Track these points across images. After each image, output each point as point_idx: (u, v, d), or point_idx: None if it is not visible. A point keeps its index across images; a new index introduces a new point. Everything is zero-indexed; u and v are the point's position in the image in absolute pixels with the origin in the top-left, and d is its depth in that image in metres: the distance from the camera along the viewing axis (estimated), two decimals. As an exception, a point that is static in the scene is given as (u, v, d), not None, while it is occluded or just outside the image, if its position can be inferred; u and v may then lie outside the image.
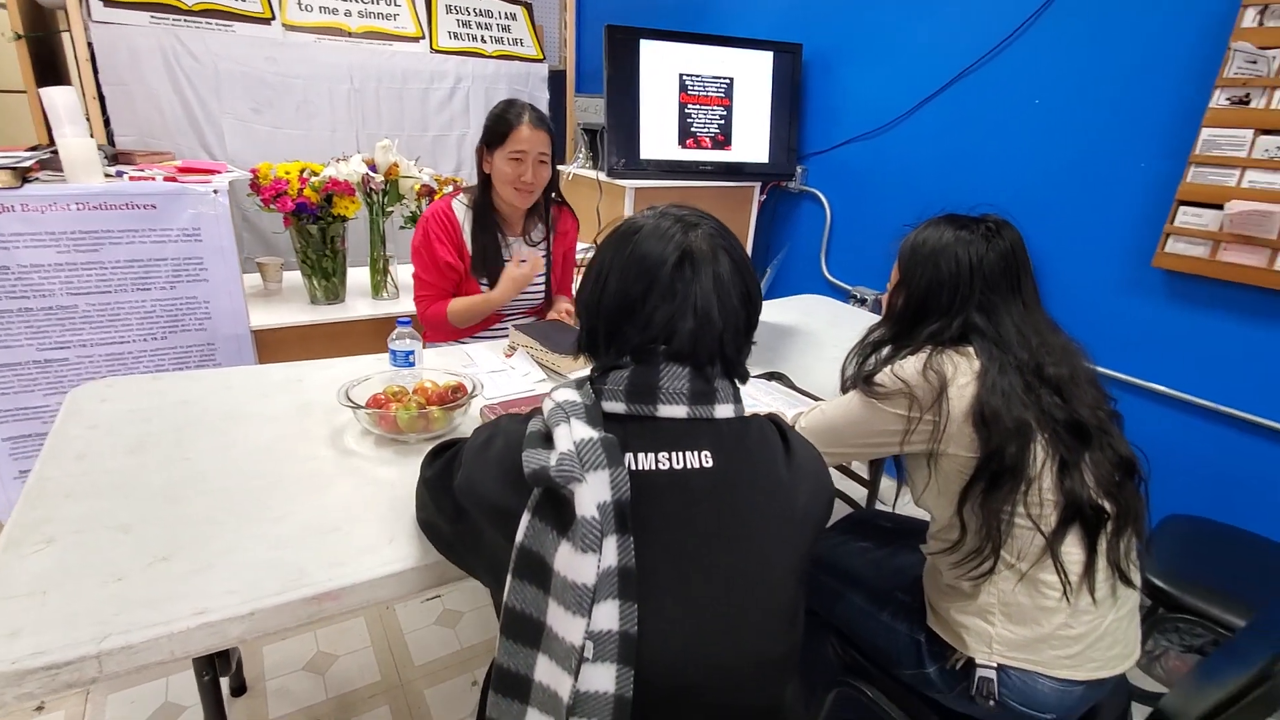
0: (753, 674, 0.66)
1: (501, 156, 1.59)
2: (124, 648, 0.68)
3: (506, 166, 1.59)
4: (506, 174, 1.60)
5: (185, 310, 1.79)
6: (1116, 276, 1.86)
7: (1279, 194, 1.50)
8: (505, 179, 1.61)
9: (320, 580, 0.78)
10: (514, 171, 1.59)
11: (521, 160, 1.58)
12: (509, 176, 1.60)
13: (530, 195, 1.66)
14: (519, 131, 1.57)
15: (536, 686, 0.63)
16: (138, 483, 0.94)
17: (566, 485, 0.60)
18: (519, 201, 1.66)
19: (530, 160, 1.59)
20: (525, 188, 1.62)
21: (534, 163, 1.60)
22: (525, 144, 1.57)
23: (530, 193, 1.65)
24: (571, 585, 0.60)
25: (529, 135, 1.57)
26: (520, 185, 1.61)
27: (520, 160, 1.58)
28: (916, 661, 1.05)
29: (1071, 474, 0.91)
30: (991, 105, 2.12)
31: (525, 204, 1.69)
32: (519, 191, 1.63)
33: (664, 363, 0.67)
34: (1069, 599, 0.92)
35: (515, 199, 1.65)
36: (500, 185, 1.64)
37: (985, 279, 1.00)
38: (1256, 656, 0.79)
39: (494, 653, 0.66)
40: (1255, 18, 1.49)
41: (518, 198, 1.65)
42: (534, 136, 1.58)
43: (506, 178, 1.61)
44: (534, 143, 1.58)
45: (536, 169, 1.61)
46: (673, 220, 0.70)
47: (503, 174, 1.61)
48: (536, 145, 1.59)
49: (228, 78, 2.61)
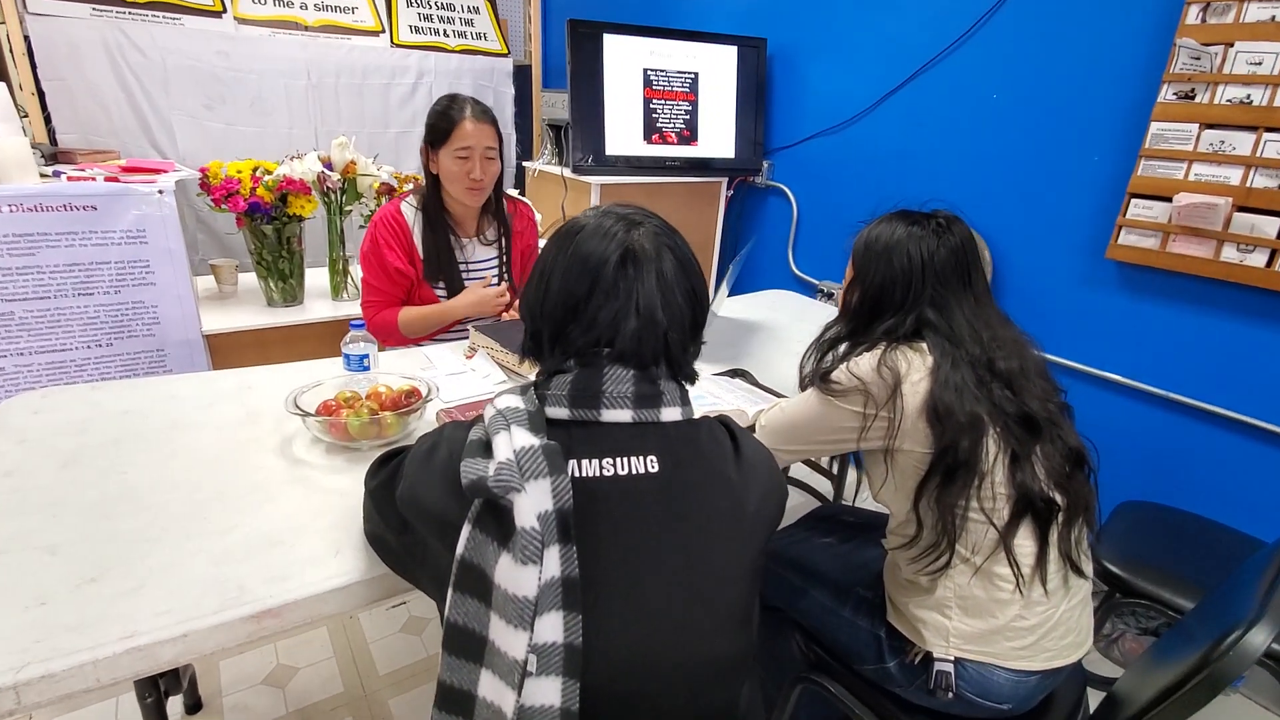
0: (706, 676, 0.65)
1: (447, 155, 1.55)
2: (44, 676, 0.64)
3: (453, 165, 1.55)
4: (454, 172, 1.56)
5: (131, 316, 1.72)
6: (1072, 268, 1.90)
7: (1224, 187, 1.54)
8: (454, 177, 1.57)
9: (261, 597, 0.76)
10: (462, 169, 1.55)
11: (468, 157, 1.54)
12: (457, 175, 1.56)
13: (481, 193, 1.62)
14: (462, 127, 1.53)
15: (480, 703, 0.62)
16: (68, 500, 0.90)
17: (505, 495, 0.58)
18: (470, 200, 1.63)
19: (477, 156, 1.55)
20: (475, 185, 1.58)
21: (481, 158, 1.56)
22: (470, 139, 1.53)
23: (481, 190, 1.61)
24: (512, 598, 0.59)
25: (473, 130, 1.53)
26: (470, 183, 1.57)
27: (467, 158, 1.54)
28: (877, 657, 1.06)
29: (1023, 467, 0.92)
30: (951, 100, 2.14)
31: (477, 202, 1.65)
32: (470, 190, 1.59)
33: (607, 365, 0.66)
34: (1022, 591, 0.93)
35: (466, 197, 1.61)
36: (450, 184, 1.60)
37: (937, 274, 1.01)
38: (1202, 639, 0.81)
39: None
40: (1198, 14, 1.52)
41: (469, 196, 1.61)
42: (478, 131, 1.54)
43: (455, 176, 1.57)
44: (479, 137, 1.54)
45: (484, 165, 1.57)
46: (615, 219, 0.69)
47: (451, 173, 1.57)
48: (482, 140, 1.55)
49: (177, 73, 2.52)
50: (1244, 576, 0.98)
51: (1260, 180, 1.48)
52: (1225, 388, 1.65)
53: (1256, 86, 1.46)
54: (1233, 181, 1.52)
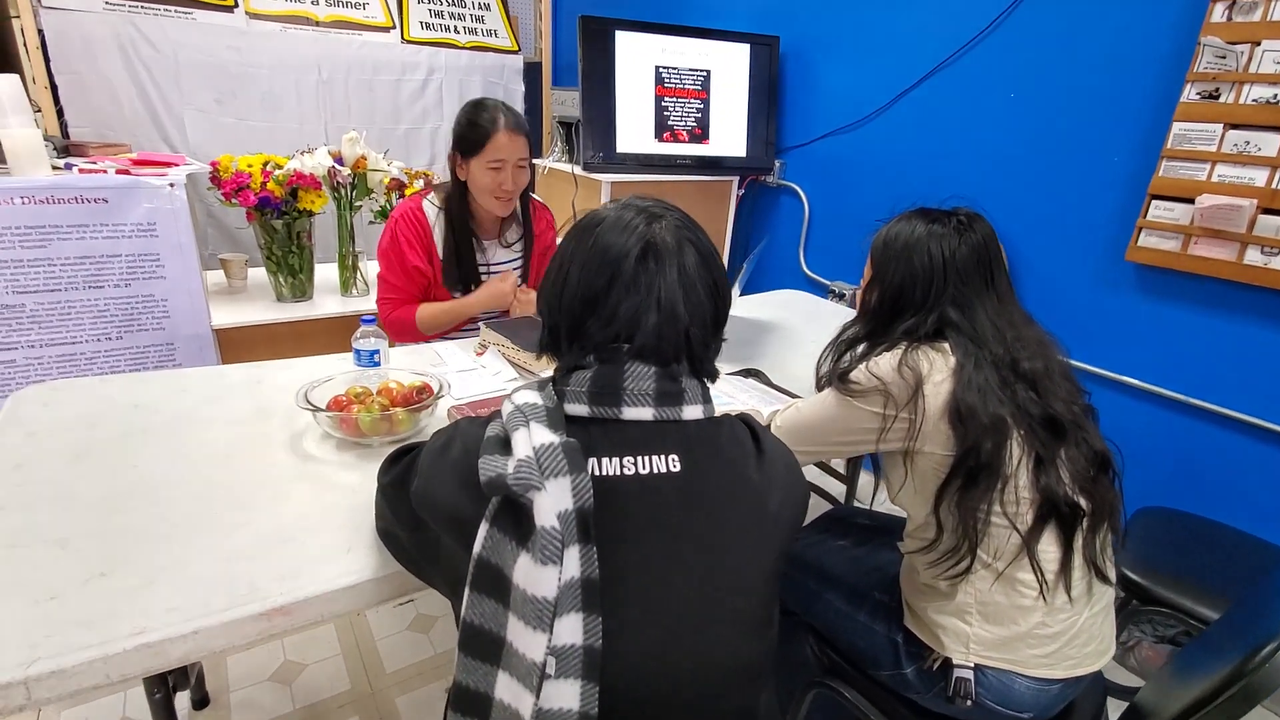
0: (726, 680, 0.64)
1: (479, 166, 1.51)
2: (54, 672, 0.63)
3: (485, 177, 1.52)
4: (485, 184, 1.53)
5: (141, 309, 1.72)
6: (1090, 270, 1.87)
7: (1248, 188, 1.51)
8: (484, 189, 1.54)
9: (272, 594, 0.74)
10: (494, 181, 1.52)
11: (501, 169, 1.51)
12: (488, 186, 1.53)
13: (511, 203, 1.60)
14: (497, 140, 1.48)
15: (497, 705, 0.60)
16: (78, 493, 0.89)
17: (525, 494, 0.57)
18: (500, 210, 1.60)
19: (510, 167, 1.52)
20: (505, 195, 1.56)
21: (513, 169, 1.53)
22: (504, 152, 1.49)
23: (510, 200, 1.59)
24: (531, 599, 0.57)
25: (508, 143, 1.49)
26: (500, 194, 1.55)
27: (500, 168, 1.51)
28: (894, 662, 1.04)
29: (1047, 471, 0.90)
30: (967, 99, 2.11)
31: (506, 211, 1.63)
32: (499, 200, 1.57)
33: (628, 361, 0.64)
34: (1045, 598, 0.90)
35: (496, 208, 1.59)
36: (479, 194, 1.57)
37: (959, 273, 0.99)
38: (1230, 651, 0.79)
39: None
40: (1224, 12, 1.50)
41: (498, 206, 1.58)
42: (513, 143, 1.50)
43: (486, 187, 1.54)
44: (513, 150, 1.50)
45: (516, 175, 1.54)
46: (636, 211, 0.67)
47: (481, 184, 1.54)
48: (516, 152, 1.51)
49: (188, 67, 2.52)
50: (1275, 586, 0.96)
51: (1286, 181, 1.46)
52: (1247, 393, 1.62)
53: (1284, 86, 1.43)
54: (1258, 183, 1.49)
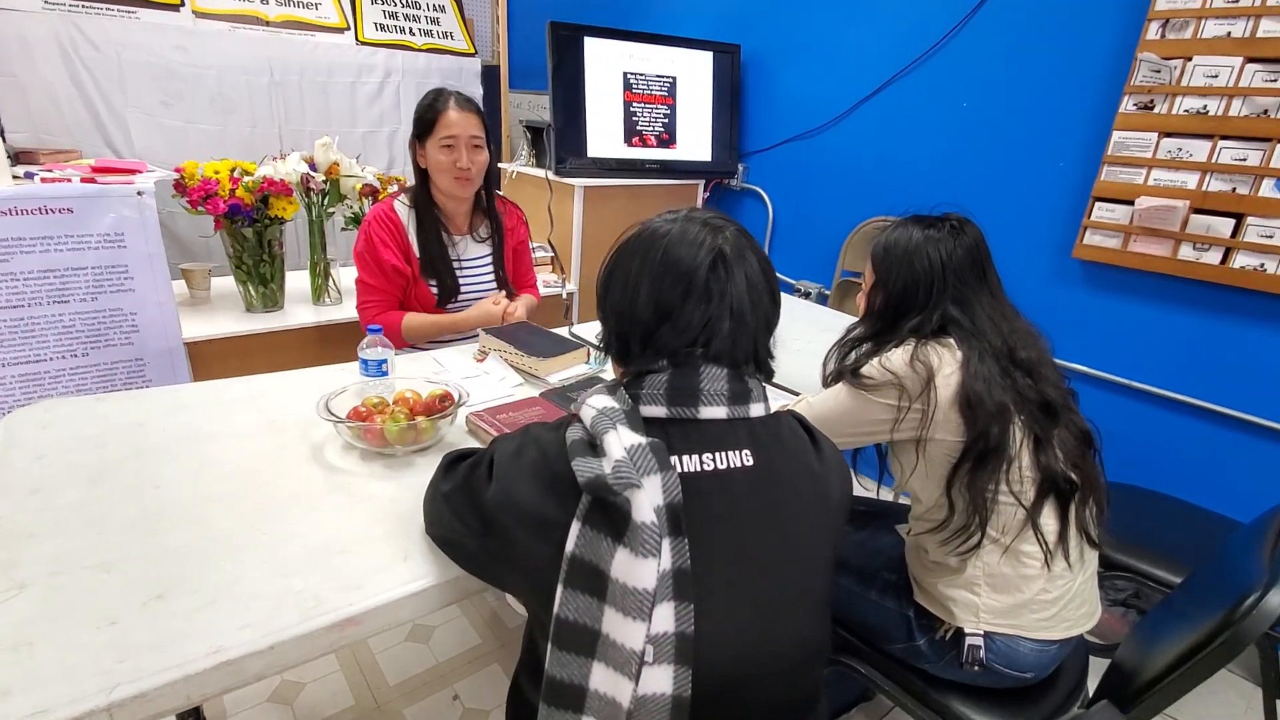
0: (799, 660, 0.69)
1: (434, 145, 1.55)
2: (136, 696, 0.62)
3: (440, 155, 1.55)
4: (442, 163, 1.56)
5: (109, 324, 1.64)
6: (1041, 267, 2.02)
7: (1181, 190, 1.68)
8: (442, 168, 1.57)
9: (339, 606, 0.75)
10: (449, 159, 1.55)
11: (454, 146, 1.54)
12: (445, 165, 1.56)
13: (470, 183, 1.61)
14: (446, 116, 1.53)
15: (592, 695, 0.63)
16: (108, 517, 0.86)
17: (624, 492, 0.60)
18: (459, 191, 1.61)
19: (463, 145, 1.55)
20: (463, 174, 1.57)
21: (467, 146, 1.55)
22: (456, 128, 1.53)
23: (469, 180, 1.60)
24: (632, 591, 0.60)
25: (457, 118, 1.54)
26: (457, 172, 1.57)
27: (452, 146, 1.54)
28: (907, 635, 1.12)
29: (1046, 450, 0.99)
30: (923, 108, 2.24)
31: (466, 192, 1.64)
32: (458, 180, 1.58)
33: (703, 365, 0.68)
34: (1049, 565, 1.00)
35: (455, 188, 1.60)
36: (438, 176, 1.59)
37: (956, 273, 1.07)
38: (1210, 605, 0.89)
39: (474, 664, 0.65)
40: (1158, 30, 1.66)
41: (457, 186, 1.60)
42: (463, 119, 1.54)
43: (442, 166, 1.56)
44: (464, 125, 1.54)
45: (471, 153, 1.56)
46: (699, 225, 0.71)
47: (438, 163, 1.56)
48: (467, 128, 1.55)
49: (133, 68, 2.39)
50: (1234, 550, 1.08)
51: (1215, 184, 1.63)
52: (1184, 376, 1.80)
53: (1212, 98, 1.60)
54: (1189, 186, 1.66)
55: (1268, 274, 1.59)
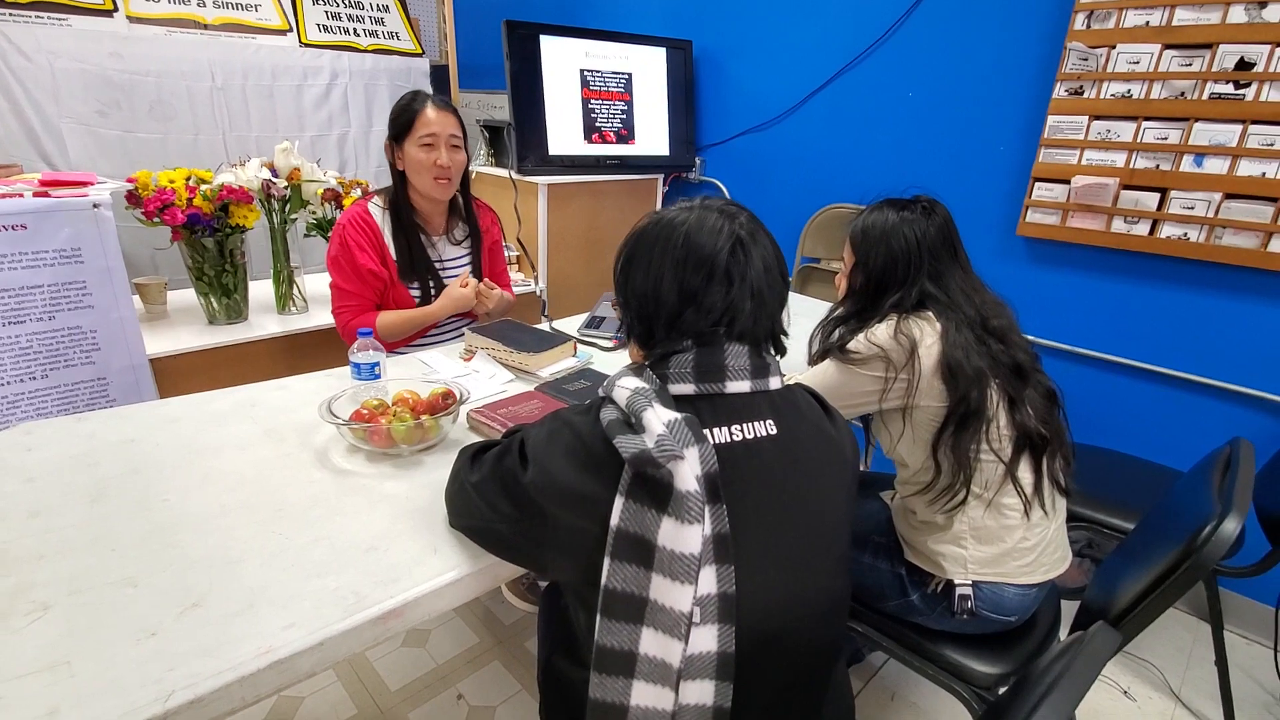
0: (827, 612, 0.74)
1: (413, 145, 1.54)
2: (192, 702, 0.62)
3: (420, 154, 1.54)
4: (421, 162, 1.54)
5: (68, 343, 1.57)
6: (989, 245, 2.15)
7: (1111, 169, 1.82)
8: (420, 168, 1.55)
9: (381, 599, 0.76)
10: (428, 158, 1.54)
11: (433, 145, 1.54)
12: (424, 164, 1.54)
13: (449, 184, 1.61)
14: (424, 115, 1.53)
15: (642, 659, 0.67)
16: (118, 534, 0.84)
17: (668, 464, 0.64)
18: (438, 192, 1.60)
19: (442, 144, 1.54)
20: (443, 174, 1.57)
21: (447, 146, 1.55)
22: (435, 126, 1.53)
23: (448, 180, 1.59)
24: (679, 556, 0.64)
25: (436, 117, 1.53)
26: (437, 172, 1.56)
27: (432, 145, 1.54)
28: (900, 592, 1.19)
29: (1020, 409, 1.08)
30: (870, 99, 2.35)
31: (445, 194, 1.63)
32: (438, 181, 1.57)
33: (727, 343, 0.73)
34: (1028, 515, 1.09)
35: (434, 189, 1.59)
36: (416, 177, 1.58)
37: (931, 251, 1.15)
38: (1169, 538, 0.99)
39: (474, 663, 0.68)
40: (1084, 21, 1.79)
41: (436, 188, 1.59)
42: (441, 118, 1.54)
43: (422, 166, 1.55)
44: (443, 124, 1.54)
45: (451, 153, 1.56)
46: (715, 213, 0.75)
47: (417, 163, 1.55)
48: (446, 127, 1.54)
49: (65, 77, 2.27)
50: (1181, 493, 1.20)
51: (1141, 162, 1.77)
52: (1122, 340, 1.95)
53: (1135, 82, 1.74)
54: (1118, 164, 1.80)
55: (1190, 242, 1.74)
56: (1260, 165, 1.62)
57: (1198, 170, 1.70)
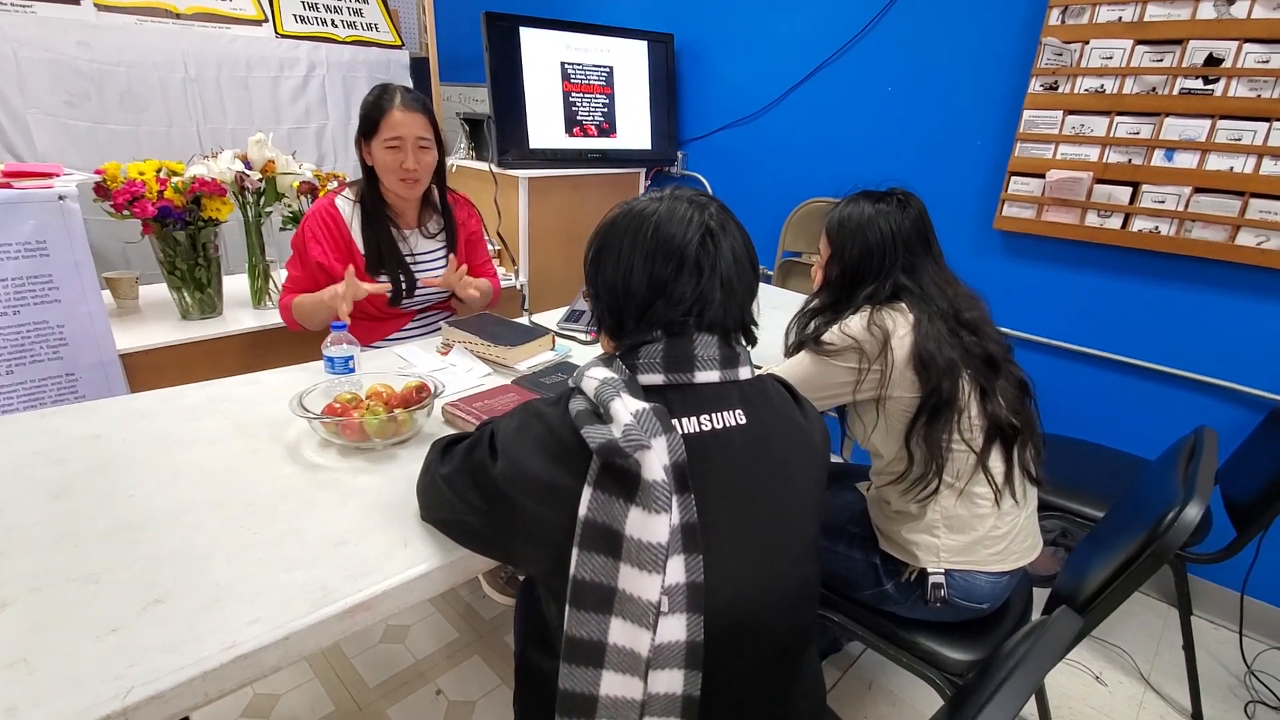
0: (797, 598, 0.75)
1: (379, 146, 1.52)
2: (152, 697, 0.61)
3: (385, 155, 1.52)
4: (387, 163, 1.53)
5: (34, 338, 1.54)
6: (966, 239, 2.17)
7: (1085, 163, 1.84)
8: (387, 169, 1.54)
9: (348, 593, 0.75)
10: (394, 160, 1.52)
11: (399, 147, 1.51)
12: (390, 165, 1.53)
13: (416, 184, 1.59)
14: (391, 116, 1.50)
15: (611, 649, 0.67)
16: (81, 530, 0.83)
17: (635, 454, 0.64)
18: (405, 191, 1.59)
19: (409, 146, 1.52)
20: (409, 175, 1.55)
21: (413, 148, 1.53)
22: (401, 128, 1.50)
23: (416, 181, 1.58)
24: (646, 546, 0.64)
25: (403, 119, 1.50)
26: (403, 173, 1.54)
27: (398, 147, 1.51)
28: (875, 581, 1.20)
29: (991, 399, 1.09)
30: (850, 93, 2.36)
31: (413, 194, 1.61)
32: (404, 181, 1.56)
33: (696, 333, 0.73)
34: (999, 503, 1.10)
35: (401, 189, 1.57)
36: (384, 176, 1.56)
37: (905, 243, 1.16)
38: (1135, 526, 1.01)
39: (454, 658, 0.67)
40: (1059, 17, 1.81)
41: (403, 188, 1.57)
42: (408, 119, 1.51)
43: (388, 167, 1.53)
44: (410, 126, 1.51)
45: (417, 154, 1.54)
46: (685, 203, 0.75)
47: (384, 163, 1.53)
48: (414, 129, 1.52)
49: (31, 66, 2.22)
50: (1148, 481, 1.22)
51: (1114, 156, 1.79)
52: (1094, 332, 1.98)
53: (1108, 77, 1.76)
54: (1092, 159, 1.82)
55: (1161, 235, 1.77)
56: (1228, 160, 1.64)
57: (1168, 165, 1.72)
